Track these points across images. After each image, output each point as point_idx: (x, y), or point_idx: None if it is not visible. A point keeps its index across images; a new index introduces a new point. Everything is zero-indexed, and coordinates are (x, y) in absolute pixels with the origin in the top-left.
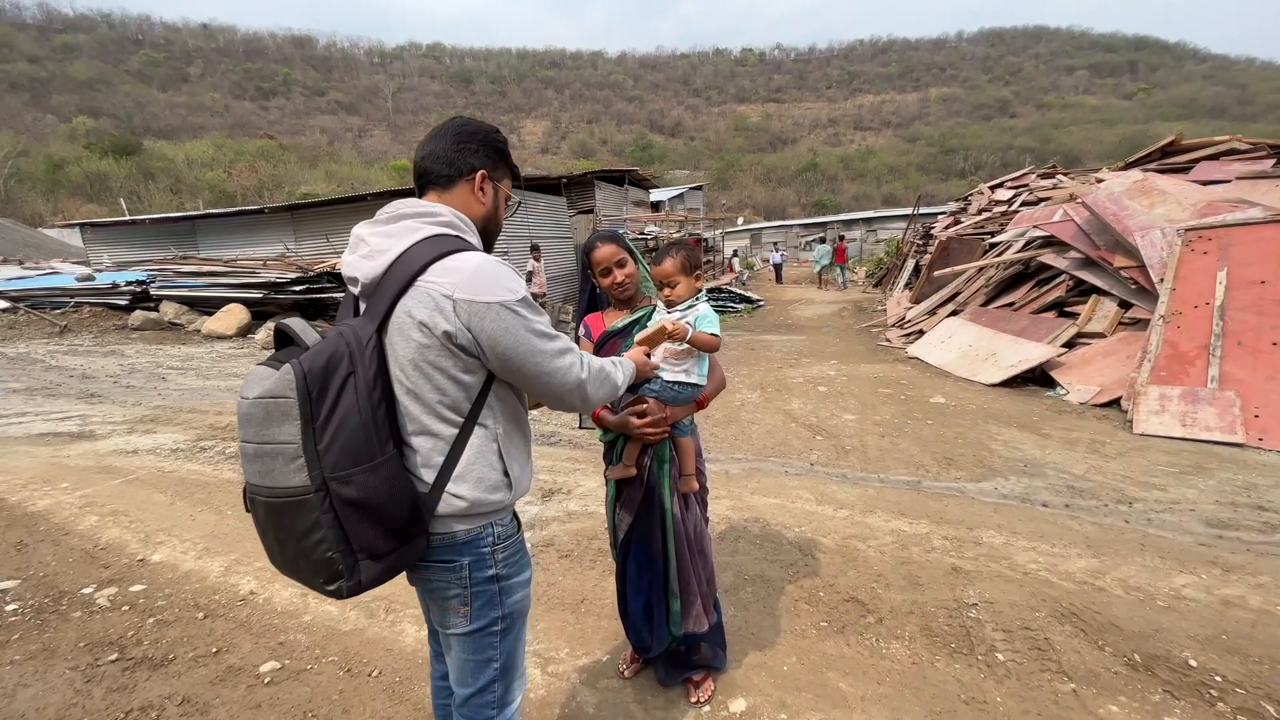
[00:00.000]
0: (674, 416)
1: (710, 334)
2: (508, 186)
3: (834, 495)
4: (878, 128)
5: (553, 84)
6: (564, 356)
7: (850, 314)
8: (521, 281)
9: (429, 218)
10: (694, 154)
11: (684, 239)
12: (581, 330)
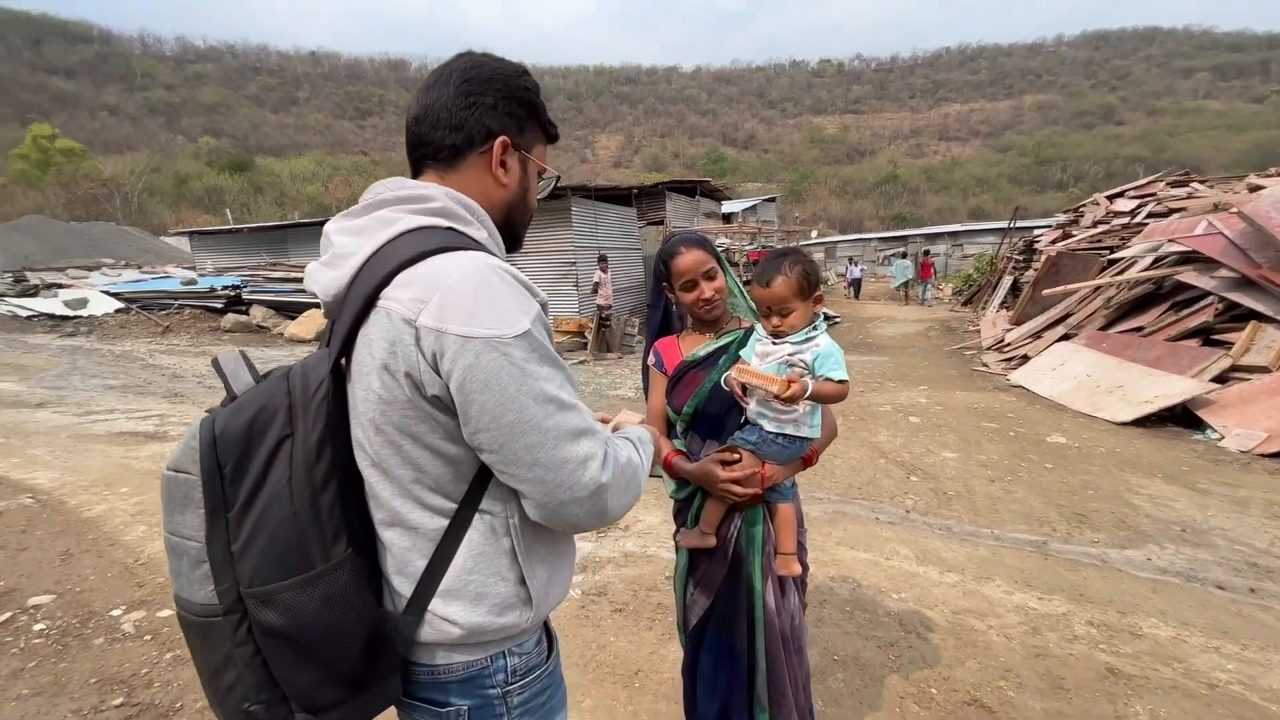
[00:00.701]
0: (773, 478)
1: (837, 381)
2: (541, 154)
3: (938, 553)
4: (964, 138)
5: (627, 99)
6: (579, 442)
7: (938, 334)
8: (533, 307)
9: (415, 204)
10: (767, 166)
11: (796, 247)
12: (652, 359)
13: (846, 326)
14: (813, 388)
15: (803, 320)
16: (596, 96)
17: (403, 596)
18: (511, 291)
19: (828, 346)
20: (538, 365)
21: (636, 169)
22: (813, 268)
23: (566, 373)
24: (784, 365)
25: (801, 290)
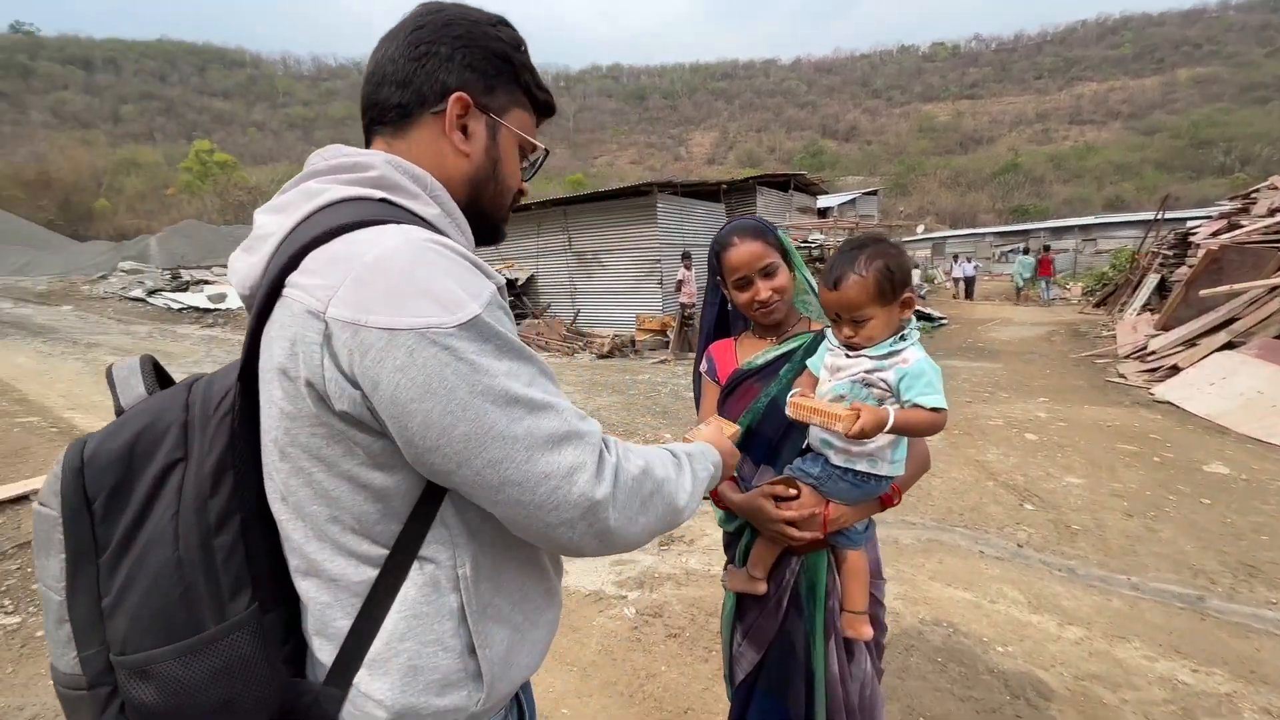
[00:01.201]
0: (839, 520)
1: (929, 410)
2: (525, 125)
3: (1057, 600)
4: (1101, 120)
5: (723, 95)
6: (560, 449)
7: (1063, 338)
8: (485, 287)
9: (346, 173)
10: (869, 159)
11: (879, 234)
12: (704, 364)
13: (954, 329)
14: (894, 419)
15: (884, 330)
16: (691, 94)
17: (323, 665)
18: (453, 269)
19: (918, 363)
20: (495, 359)
21: (730, 165)
22: (898, 261)
23: (539, 364)
24: (858, 385)
25: (881, 293)
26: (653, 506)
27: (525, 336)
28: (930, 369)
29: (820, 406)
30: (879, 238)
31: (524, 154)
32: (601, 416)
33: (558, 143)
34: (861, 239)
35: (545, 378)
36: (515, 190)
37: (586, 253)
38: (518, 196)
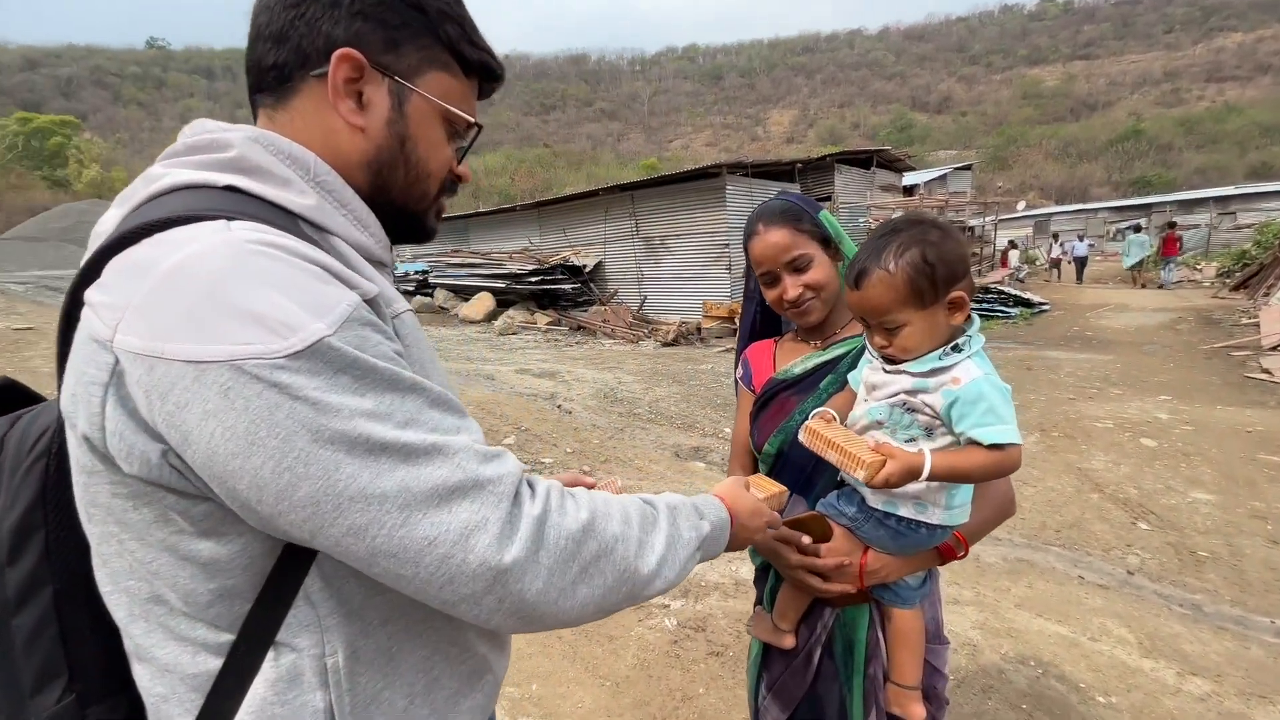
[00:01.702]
0: (881, 573)
1: (989, 448)
2: (450, 91)
3: (1177, 643)
4: (1246, 76)
5: (803, 70)
6: (449, 506)
7: (1191, 327)
8: (337, 301)
9: (199, 154)
10: (964, 131)
11: (923, 214)
12: (740, 370)
13: (1055, 316)
14: (931, 466)
15: (925, 338)
16: (770, 70)
17: None
18: (289, 277)
19: (973, 385)
20: (350, 394)
21: (810, 143)
22: (941, 250)
23: (426, 393)
24: (899, 409)
25: (915, 293)
26: (598, 573)
27: (591, 324)
28: (992, 391)
29: (838, 439)
30: (920, 218)
31: (456, 129)
32: (660, 408)
33: (633, 127)
34: (898, 221)
35: (437, 409)
36: (443, 177)
37: (654, 238)
38: (452, 184)
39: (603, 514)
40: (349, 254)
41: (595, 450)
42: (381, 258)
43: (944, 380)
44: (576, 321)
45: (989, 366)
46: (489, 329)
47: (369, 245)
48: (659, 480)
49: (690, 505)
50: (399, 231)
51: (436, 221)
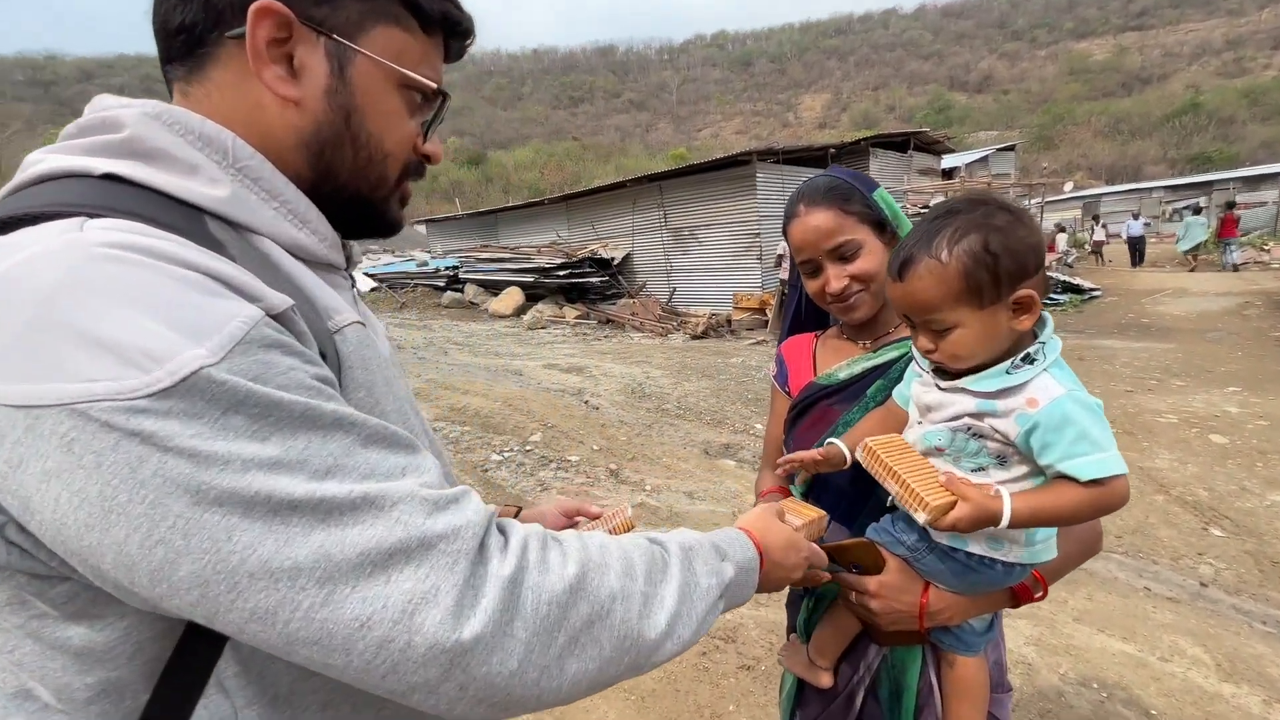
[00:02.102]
0: (944, 614)
1: (1086, 484)
2: (404, 47)
3: (1261, 666)
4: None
5: (835, 53)
6: (384, 574)
7: (1260, 312)
8: (228, 318)
9: (88, 135)
10: (1006, 111)
11: (988, 194)
12: (773, 367)
13: (1109, 302)
14: (1012, 511)
15: (981, 344)
16: (801, 55)
17: None
18: (155, 292)
19: (1057, 406)
20: (238, 440)
21: (843, 128)
22: (1006, 239)
23: (353, 428)
24: (962, 434)
25: (971, 288)
26: (592, 643)
27: (619, 317)
28: (1080, 412)
29: (902, 467)
30: (984, 198)
31: (419, 98)
32: (688, 404)
33: (661, 117)
34: (956, 200)
35: (375, 447)
36: (405, 156)
37: (683, 229)
38: (418, 165)
39: (597, 565)
40: (277, 257)
41: (622, 447)
42: (328, 258)
43: (1017, 402)
44: (605, 315)
45: (1072, 378)
46: (518, 324)
47: (308, 244)
48: (688, 479)
49: (709, 545)
50: (355, 224)
51: (400, 211)
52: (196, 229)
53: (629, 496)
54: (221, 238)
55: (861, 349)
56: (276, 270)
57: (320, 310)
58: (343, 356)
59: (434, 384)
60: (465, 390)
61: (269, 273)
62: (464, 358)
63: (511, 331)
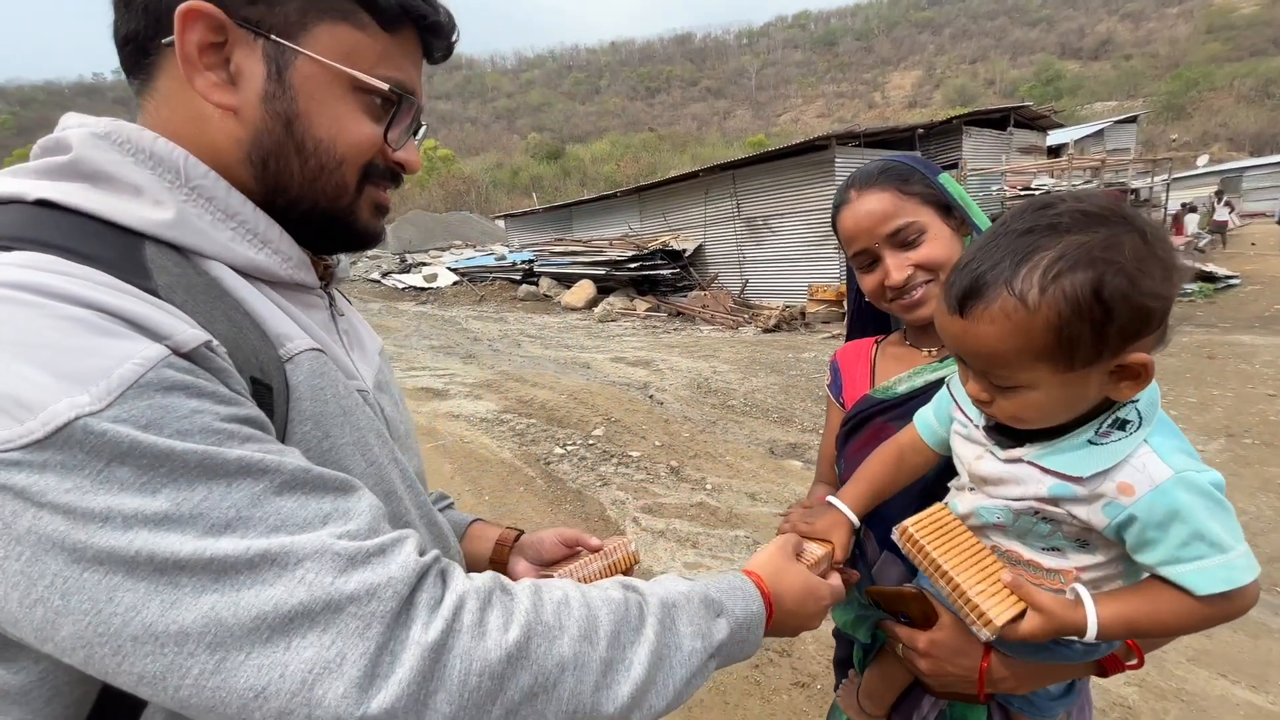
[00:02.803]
0: (1007, 684)
1: (1203, 599)
2: (354, 45)
3: None
4: None
5: (929, 26)
6: (285, 640)
7: None
8: (126, 357)
9: (41, 159)
10: (1128, 78)
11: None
12: (829, 374)
13: (1248, 291)
14: (1099, 623)
15: (1054, 412)
16: (890, 30)
17: None
18: (37, 335)
19: (1164, 496)
20: (122, 493)
21: (936, 106)
22: (1137, 279)
23: (265, 474)
24: (1025, 516)
25: (1065, 346)
26: (534, 717)
27: (689, 310)
28: (1196, 502)
29: (953, 567)
30: (1109, 209)
31: (387, 102)
32: (755, 400)
33: (739, 104)
34: (1066, 205)
35: (290, 495)
36: (363, 161)
37: (756, 219)
38: (387, 170)
39: (547, 629)
40: (228, 282)
41: (684, 444)
42: (293, 278)
43: (1106, 487)
44: (675, 307)
45: (1179, 443)
46: (589, 316)
47: (269, 265)
48: (751, 479)
49: (700, 598)
50: (323, 238)
51: (375, 218)
52: (125, 256)
53: (689, 494)
54: (155, 264)
55: (926, 357)
56: (221, 298)
57: (272, 337)
58: (292, 387)
59: (505, 376)
60: (534, 383)
61: (209, 301)
62: (535, 350)
63: (582, 324)
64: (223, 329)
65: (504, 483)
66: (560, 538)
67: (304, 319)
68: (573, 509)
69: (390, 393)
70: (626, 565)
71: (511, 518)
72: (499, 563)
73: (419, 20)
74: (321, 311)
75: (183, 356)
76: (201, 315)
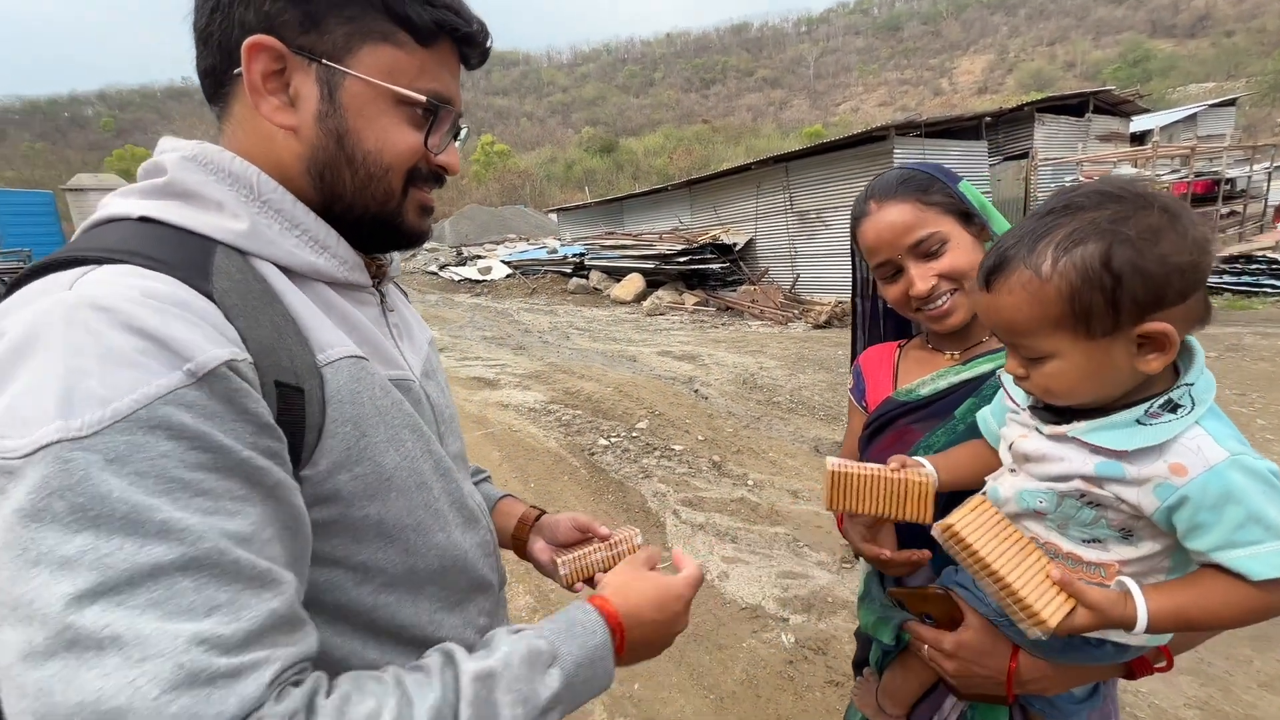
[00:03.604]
0: (1036, 685)
1: (1261, 583)
2: (395, 63)
3: None
4: None
5: (1002, 6)
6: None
7: None
8: (116, 393)
9: (144, 180)
10: (1227, 57)
11: (1134, 186)
12: (852, 378)
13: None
14: (1149, 615)
15: (1085, 384)
16: (960, 13)
17: None
18: (79, 356)
19: (1217, 477)
20: (46, 521)
21: (1008, 92)
22: (1146, 252)
23: (176, 543)
24: (1070, 500)
25: (1079, 314)
26: None
27: (738, 304)
28: (1255, 484)
29: (999, 564)
30: (1124, 190)
31: (427, 111)
32: (802, 397)
33: (796, 94)
34: (1083, 191)
35: (192, 573)
36: (407, 167)
37: (808, 212)
38: (430, 174)
39: None
40: (280, 288)
41: (727, 440)
42: (349, 279)
43: (1156, 468)
44: (724, 302)
45: (1233, 432)
46: (637, 310)
47: (328, 268)
48: (794, 476)
49: (525, 655)
50: (375, 240)
51: (420, 219)
52: (195, 263)
53: (730, 490)
54: (220, 270)
55: (949, 360)
56: (272, 303)
57: (313, 343)
58: (329, 392)
59: (554, 368)
60: (581, 375)
61: (260, 305)
62: (584, 343)
63: (631, 317)
64: (264, 332)
65: (549, 471)
66: (574, 522)
67: (356, 315)
68: (615, 499)
69: (437, 379)
70: None
71: (555, 505)
72: (520, 539)
73: (453, 33)
74: (373, 308)
75: (201, 379)
76: (248, 317)
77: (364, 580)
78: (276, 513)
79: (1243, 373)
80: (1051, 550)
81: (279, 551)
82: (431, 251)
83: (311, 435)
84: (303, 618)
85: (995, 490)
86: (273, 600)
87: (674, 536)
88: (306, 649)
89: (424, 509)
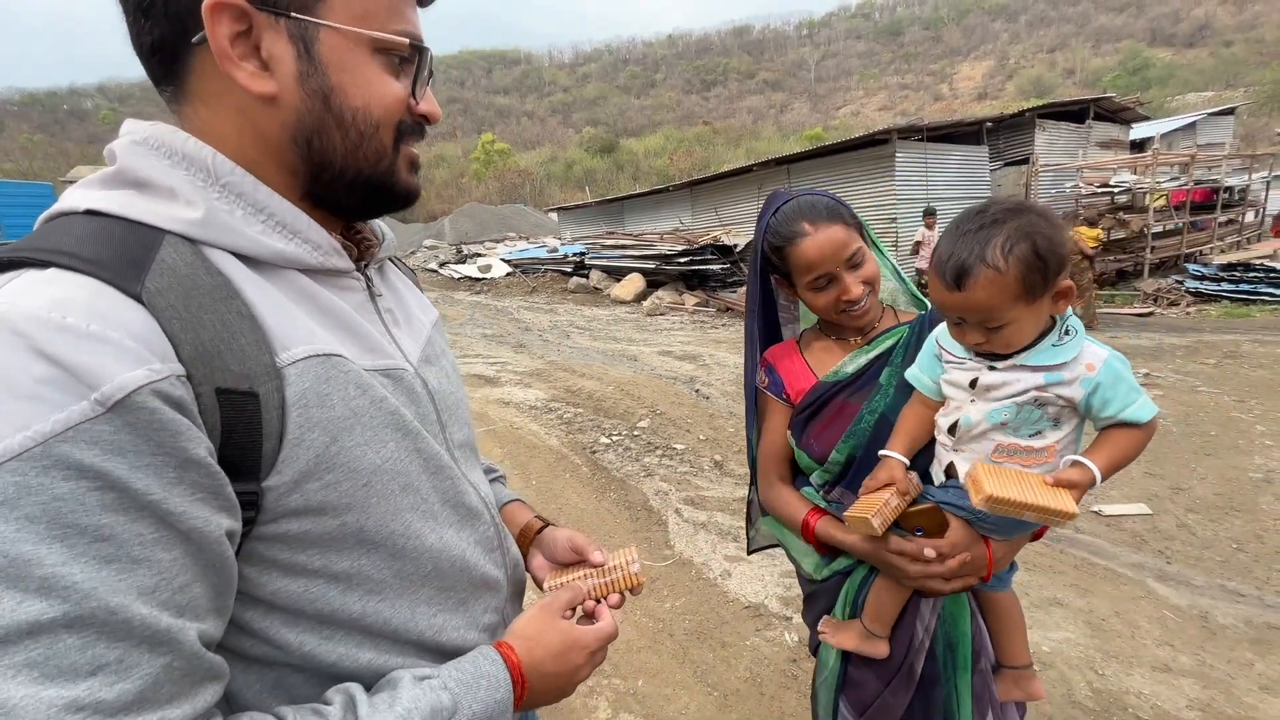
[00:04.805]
0: (1005, 562)
1: (1140, 426)
2: (364, 6)
3: None
4: None
5: (1003, 13)
6: None
7: None
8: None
9: (110, 165)
10: (1227, 67)
11: (1019, 200)
12: (762, 377)
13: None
14: (1100, 472)
15: (1030, 332)
16: (961, 18)
17: None
18: None
19: (1109, 366)
20: None
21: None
22: (1050, 240)
23: (60, 599)
24: (1029, 407)
25: (1028, 288)
26: None
27: (738, 306)
28: (1124, 366)
29: (1028, 499)
30: (1020, 205)
31: (395, 56)
32: None
33: (797, 97)
34: (993, 210)
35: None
36: (396, 120)
37: None
38: (415, 125)
39: None
40: (239, 282)
41: (729, 439)
42: (323, 264)
43: (1078, 370)
44: (724, 303)
45: (1097, 339)
46: (638, 310)
47: (299, 254)
48: None
49: (427, 712)
50: (368, 205)
51: (411, 175)
52: (130, 260)
53: (732, 489)
54: (160, 266)
55: (854, 345)
56: (225, 300)
57: (272, 342)
58: (291, 396)
59: (554, 365)
60: (582, 373)
61: (206, 304)
62: (584, 341)
63: (631, 317)
64: (207, 334)
65: (551, 469)
66: (571, 543)
67: (336, 304)
68: (617, 497)
69: (439, 364)
70: (627, 585)
71: (557, 503)
72: (521, 551)
73: None
74: (357, 294)
75: (110, 409)
76: (187, 318)
77: (349, 589)
78: (199, 554)
79: (1241, 380)
80: (1011, 449)
81: (201, 592)
82: (431, 249)
83: (270, 443)
84: (210, 668)
85: (967, 419)
86: (166, 656)
87: (676, 535)
88: (202, 705)
89: (411, 511)
